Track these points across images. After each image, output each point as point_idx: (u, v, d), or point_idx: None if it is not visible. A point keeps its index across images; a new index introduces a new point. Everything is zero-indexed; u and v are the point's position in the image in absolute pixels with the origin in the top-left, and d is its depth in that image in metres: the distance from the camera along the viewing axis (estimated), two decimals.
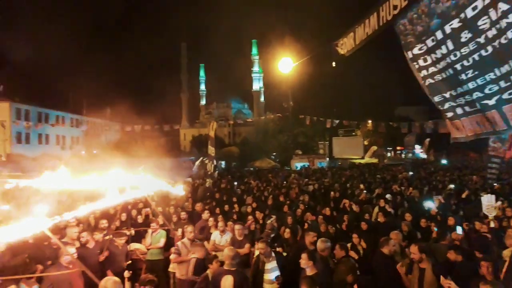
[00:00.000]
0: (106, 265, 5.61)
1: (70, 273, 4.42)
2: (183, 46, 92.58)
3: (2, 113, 39.96)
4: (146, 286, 4.01)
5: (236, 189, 14.72)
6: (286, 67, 31.48)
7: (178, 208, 9.21)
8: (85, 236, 5.41)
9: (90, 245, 5.52)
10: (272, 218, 7.28)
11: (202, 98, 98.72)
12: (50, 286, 4.40)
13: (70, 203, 10.30)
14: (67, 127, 49.51)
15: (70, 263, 4.46)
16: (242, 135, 68.41)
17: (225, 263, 4.41)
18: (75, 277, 4.53)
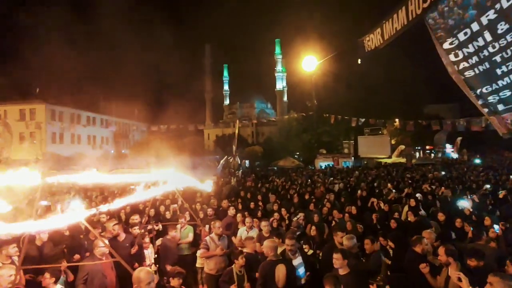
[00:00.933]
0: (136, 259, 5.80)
1: (103, 264, 4.59)
2: (207, 48, 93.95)
3: (39, 115, 42.20)
4: (175, 278, 4.13)
5: (261, 187, 14.77)
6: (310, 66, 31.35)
7: (205, 205, 9.37)
8: (116, 229, 5.62)
9: (120, 238, 5.72)
10: (298, 216, 7.25)
11: (225, 98, 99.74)
12: (86, 276, 4.58)
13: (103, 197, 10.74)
14: (98, 127, 51.52)
15: (103, 254, 4.63)
16: (266, 135, 68.47)
17: (270, 254, 4.51)
18: (108, 268, 4.71)
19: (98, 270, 4.62)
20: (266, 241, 4.68)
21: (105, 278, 4.66)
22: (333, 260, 4.13)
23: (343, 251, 4.24)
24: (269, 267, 4.36)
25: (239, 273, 4.65)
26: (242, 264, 4.63)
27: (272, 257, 4.46)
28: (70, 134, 46.40)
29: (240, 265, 4.64)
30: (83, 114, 48.75)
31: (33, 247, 5.24)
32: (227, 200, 9.58)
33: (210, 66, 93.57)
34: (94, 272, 4.59)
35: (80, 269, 4.67)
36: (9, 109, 42.06)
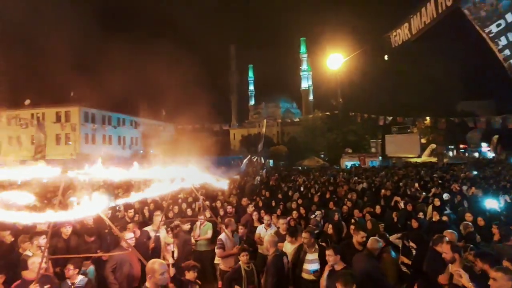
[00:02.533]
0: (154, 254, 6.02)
1: (130, 254, 4.84)
2: (232, 48, 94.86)
3: (73, 117, 44.44)
4: (190, 271, 4.25)
5: (282, 186, 14.76)
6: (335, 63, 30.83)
7: (225, 203, 9.51)
8: (131, 227, 5.88)
9: (136, 234, 5.95)
10: (316, 214, 7.20)
11: (251, 98, 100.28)
12: (114, 265, 4.93)
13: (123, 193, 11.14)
14: (127, 128, 53.43)
15: (129, 247, 4.84)
16: (290, 134, 68.13)
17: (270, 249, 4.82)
18: (134, 258, 4.95)
19: (126, 260, 4.96)
20: (267, 236, 4.83)
21: (132, 268, 4.98)
22: (326, 256, 4.15)
23: (335, 248, 4.23)
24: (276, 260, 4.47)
25: (248, 268, 4.71)
26: (245, 260, 4.70)
27: (274, 252, 4.63)
28: (102, 135, 48.44)
29: (245, 261, 4.71)
30: (114, 115, 50.75)
31: (60, 239, 5.57)
32: (247, 198, 9.66)
33: (235, 67, 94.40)
34: (122, 262, 4.94)
35: (109, 259, 5.03)
36: (46, 112, 44.56)
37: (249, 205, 8.23)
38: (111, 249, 5.65)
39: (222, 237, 6.01)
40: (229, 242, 5.93)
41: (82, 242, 5.59)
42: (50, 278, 4.27)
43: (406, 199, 9.13)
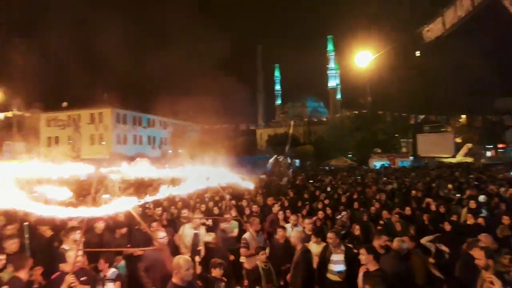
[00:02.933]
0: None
1: (163, 253, 4.88)
2: (258, 48, 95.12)
3: (106, 118, 46.39)
4: (216, 268, 4.33)
5: (310, 186, 14.64)
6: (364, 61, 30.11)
7: (251, 202, 9.58)
8: (155, 226, 6.06)
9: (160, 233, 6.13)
10: (342, 215, 7.09)
11: (277, 98, 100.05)
12: (148, 264, 4.97)
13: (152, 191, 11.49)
14: (157, 128, 55.04)
15: (162, 245, 4.98)
16: (318, 134, 67.30)
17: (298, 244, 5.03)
18: (168, 257, 5.02)
19: (159, 259, 4.89)
20: (294, 232, 4.82)
21: (165, 268, 4.99)
22: (360, 256, 4.07)
23: (367, 247, 4.14)
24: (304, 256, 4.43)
25: (265, 267, 4.73)
26: (263, 260, 4.71)
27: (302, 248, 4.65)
28: (133, 136, 50.21)
29: (263, 261, 4.72)
30: (144, 116, 52.44)
31: (94, 235, 5.86)
32: (273, 198, 9.67)
33: (261, 66, 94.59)
34: (155, 262, 4.90)
35: (141, 258, 5.10)
36: (82, 113, 46.88)
37: (275, 205, 8.23)
38: (140, 246, 5.88)
39: (247, 236, 6.07)
40: (253, 241, 5.97)
41: (114, 237, 5.84)
42: (86, 271, 4.51)
43: (438, 201, 8.77)
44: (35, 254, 4.96)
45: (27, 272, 4.09)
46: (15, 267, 4.04)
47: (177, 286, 3.19)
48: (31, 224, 5.55)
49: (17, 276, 3.99)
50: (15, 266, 4.04)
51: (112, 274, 4.67)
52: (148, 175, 4.17)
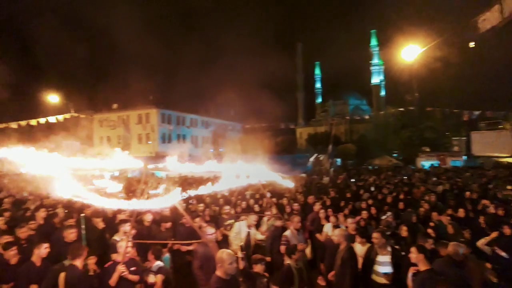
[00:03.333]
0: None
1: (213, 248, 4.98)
2: (298, 46, 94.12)
3: (152, 118, 48.73)
4: (258, 264, 4.35)
5: (352, 185, 14.22)
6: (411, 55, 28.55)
7: (291, 201, 9.51)
8: (198, 222, 6.21)
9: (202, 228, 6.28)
10: (387, 215, 6.78)
11: (317, 96, 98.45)
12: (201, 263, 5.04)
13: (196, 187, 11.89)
14: (199, 128, 56.74)
15: (211, 241, 5.11)
16: (360, 132, 65.17)
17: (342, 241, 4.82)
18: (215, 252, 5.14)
19: (211, 256, 4.85)
20: (337, 230, 4.69)
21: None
22: (410, 254, 3.86)
23: (419, 246, 3.90)
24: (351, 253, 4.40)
25: (297, 266, 4.64)
26: (296, 258, 4.64)
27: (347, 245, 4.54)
28: (177, 135, 52.20)
29: (295, 260, 4.64)
30: (187, 116, 54.30)
31: (143, 227, 6.17)
32: (314, 196, 9.53)
33: (302, 65, 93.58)
34: (207, 259, 4.92)
35: (194, 256, 5.22)
36: (130, 114, 49.75)
37: (316, 203, 8.10)
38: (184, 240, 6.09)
39: (287, 234, 6.03)
40: (294, 240, 5.92)
41: (160, 231, 6.11)
42: (135, 261, 4.76)
43: (495, 203, 8.08)
44: (89, 244, 5.34)
45: (82, 260, 4.40)
46: (72, 256, 4.36)
47: (221, 279, 3.25)
48: (86, 216, 5.98)
49: (74, 264, 4.31)
50: (72, 255, 4.36)
51: (155, 267, 4.87)
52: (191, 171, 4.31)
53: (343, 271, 4.51)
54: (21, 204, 9.18)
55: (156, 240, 5.50)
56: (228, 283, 3.26)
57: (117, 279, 4.34)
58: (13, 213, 7.41)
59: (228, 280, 3.27)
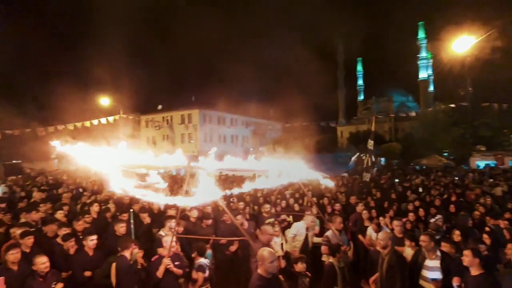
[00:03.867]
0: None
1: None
2: (339, 42, 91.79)
3: (194, 118, 50.35)
4: (298, 262, 4.32)
5: (397, 186, 13.59)
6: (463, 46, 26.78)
7: (332, 201, 9.32)
8: (240, 219, 6.29)
9: (244, 225, 6.35)
10: (437, 218, 6.39)
11: (359, 93, 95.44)
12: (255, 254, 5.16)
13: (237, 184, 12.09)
14: (239, 127, 57.56)
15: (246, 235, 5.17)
16: (406, 130, 62.07)
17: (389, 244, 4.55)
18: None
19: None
20: (381, 233, 4.49)
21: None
22: (463, 257, 3.59)
23: (473, 249, 3.61)
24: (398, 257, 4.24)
25: (340, 265, 4.51)
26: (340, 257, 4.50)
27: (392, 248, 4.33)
28: (218, 134, 53.42)
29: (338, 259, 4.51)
30: (228, 116, 55.34)
31: (189, 223, 6.40)
32: (356, 197, 9.25)
33: (343, 61, 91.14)
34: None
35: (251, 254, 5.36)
36: (174, 115, 51.87)
37: (359, 204, 7.86)
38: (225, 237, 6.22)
39: (329, 234, 5.93)
40: (335, 240, 5.79)
41: (202, 227, 6.30)
42: (180, 256, 4.95)
43: None
44: (137, 238, 5.65)
45: (131, 252, 4.67)
46: (122, 248, 4.65)
47: (262, 278, 3.27)
48: (134, 212, 6.33)
49: (123, 255, 4.60)
50: (122, 247, 4.65)
51: (197, 264, 4.99)
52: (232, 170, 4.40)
53: (391, 275, 4.31)
54: (77, 198, 9.94)
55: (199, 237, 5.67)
56: (270, 281, 3.26)
57: (163, 272, 4.54)
58: (71, 207, 8.06)
59: (270, 279, 3.28)
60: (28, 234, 4.93)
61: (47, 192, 11.19)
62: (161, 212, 7.35)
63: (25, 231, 5.09)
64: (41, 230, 5.94)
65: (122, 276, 4.41)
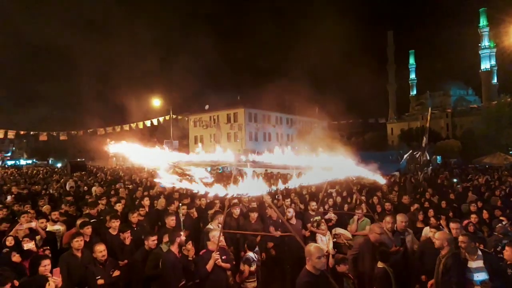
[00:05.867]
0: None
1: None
2: (389, 35, 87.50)
3: (240, 117, 51.15)
4: (340, 264, 4.16)
5: (456, 186, 12.60)
6: None
7: (383, 200, 8.88)
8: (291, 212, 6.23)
9: (292, 221, 6.27)
10: (505, 223, 5.78)
11: (412, 88, 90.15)
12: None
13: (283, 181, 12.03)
14: (284, 126, 57.36)
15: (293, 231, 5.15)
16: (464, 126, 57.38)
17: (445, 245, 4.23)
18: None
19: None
20: (438, 233, 4.15)
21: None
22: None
23: None
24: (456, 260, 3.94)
25: (391, 270, 4.20)
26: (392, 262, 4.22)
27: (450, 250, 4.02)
28: (263, 133, 53.73)
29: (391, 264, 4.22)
30: (273, 115, 55.42)
31: (233, 219, 6.50)
32: (409, 196, 8.72)
33: (393, 55, 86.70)
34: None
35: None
36: (220, 115, 53.16)
37: (414, 204, 7.40)
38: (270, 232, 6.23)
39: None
40: (387, 241, 5.49)
41: (249, 223, 6.35)
42: (226, 251, 5.04)
43: None
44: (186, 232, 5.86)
45: (177, 244, 4.81)
46: (170, 239, 4.81)
47: (310, 274, 3.18)
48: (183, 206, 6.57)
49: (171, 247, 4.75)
50: (170, 239, 4.81)
51: (244, 257, 5.07)
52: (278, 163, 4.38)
53: (447, 279, 3.99)
54: (133, 193, 10.60)
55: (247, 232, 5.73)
56: (318, 278, 3.17)
57: (212, 266, 4.65)
58: (127, 201, 8.61)
59: (318, 276, 3.18)
60: (86, 224, 5.35)
61: (106, 187, 12.10)
62: (208, 207, 7.54)
63: (84, 221, 5.56)
64: (101, 222, 6.42)
65: (170, 270, 4.56)
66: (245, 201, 7.87)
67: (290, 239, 6.37)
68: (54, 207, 7.61)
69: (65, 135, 36.07)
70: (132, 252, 5.24)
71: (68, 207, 7.82)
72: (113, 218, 5.84)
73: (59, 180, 16.18)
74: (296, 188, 10.12)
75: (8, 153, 79.89)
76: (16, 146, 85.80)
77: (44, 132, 36.26)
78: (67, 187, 13.75)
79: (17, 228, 5.21)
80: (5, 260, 4.38)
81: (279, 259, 6.28)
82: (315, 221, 6.99)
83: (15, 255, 4.45)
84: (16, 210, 7.63)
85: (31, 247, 4.78)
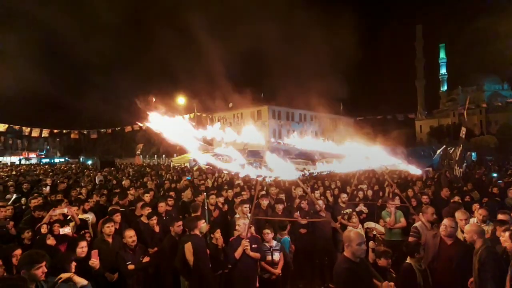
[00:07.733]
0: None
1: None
2: (418, 29, 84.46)
3: (263, 115, 51.07)
4: (382, 257, 3.89)
5: (497, 181, 11.85)
6: None
7: (418, 194, 8.44)
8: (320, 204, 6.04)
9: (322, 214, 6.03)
10: None
11: (442, 83, 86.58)
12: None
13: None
14: (308, 123, 56.68)
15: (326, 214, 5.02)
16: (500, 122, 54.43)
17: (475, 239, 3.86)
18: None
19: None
20: (468, 226, 3.77)
21: None
22: None
23: None
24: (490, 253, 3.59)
25: (420, 267, 3.83)
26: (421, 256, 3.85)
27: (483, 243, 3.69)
28: (286, 130, 53.35)
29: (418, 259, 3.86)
30: (296, 112, 54.94)
31: (261, 210, 6.35)
32: (447, 188, 8.23)
33: (422, 49, 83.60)
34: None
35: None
36: (244, 112, 53.35)
37: (455, 197, 6.96)
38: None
39: (418, 225, 5.30)
40: (426, 232, 5.14)
41: (275, 214, 6.21)
42: (256, 239, 4.89)
43: None
44: (213, 222, 5.80)
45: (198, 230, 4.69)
46: (190, 228, 4.67)
47: (350, 261, 2.96)
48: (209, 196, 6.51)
49: (194, 233, 4.62)
50: (190, 227, 4.68)
51: (277, 245, 4.93)
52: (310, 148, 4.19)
53: (483, 274, 3.60)
54: (160, 186, 10.73)
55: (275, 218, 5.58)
56: (358, 266, 2.94)
57: (241, 253, 4.51)
58: (155, 193, 8.68)
59: (357, 263, 2.95)
60: (115, 212, 5.40)
61: (134, 181, 12.34)
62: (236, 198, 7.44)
63: (113, 209, 5.65)
64: (131, 211, 6.46)
65: (199, 254, 4.44)
66: (273, 193, 7.70)
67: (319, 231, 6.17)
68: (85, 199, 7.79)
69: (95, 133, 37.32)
70: (161, 240, 5.20)
71: (99, 197, 7.97)
72: (145, 206, 5.87)
73: (89, 175, 16.73)
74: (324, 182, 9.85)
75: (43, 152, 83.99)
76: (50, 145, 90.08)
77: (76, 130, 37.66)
78: (96, 180, 14.15)
79: (51, 214, 5.31)
80: (41, 243, 4.46)
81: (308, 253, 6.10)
82: (346, 214, 6.73)
83: (50, 238, 4.52)
84: (50, 200, 7.86)
85: (67, 232, 4.87)
